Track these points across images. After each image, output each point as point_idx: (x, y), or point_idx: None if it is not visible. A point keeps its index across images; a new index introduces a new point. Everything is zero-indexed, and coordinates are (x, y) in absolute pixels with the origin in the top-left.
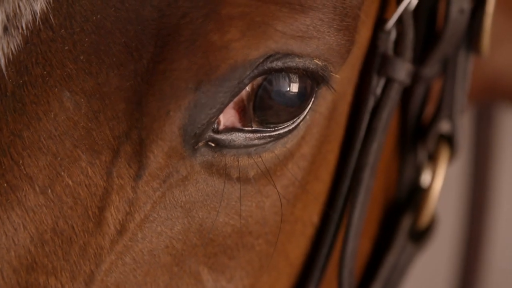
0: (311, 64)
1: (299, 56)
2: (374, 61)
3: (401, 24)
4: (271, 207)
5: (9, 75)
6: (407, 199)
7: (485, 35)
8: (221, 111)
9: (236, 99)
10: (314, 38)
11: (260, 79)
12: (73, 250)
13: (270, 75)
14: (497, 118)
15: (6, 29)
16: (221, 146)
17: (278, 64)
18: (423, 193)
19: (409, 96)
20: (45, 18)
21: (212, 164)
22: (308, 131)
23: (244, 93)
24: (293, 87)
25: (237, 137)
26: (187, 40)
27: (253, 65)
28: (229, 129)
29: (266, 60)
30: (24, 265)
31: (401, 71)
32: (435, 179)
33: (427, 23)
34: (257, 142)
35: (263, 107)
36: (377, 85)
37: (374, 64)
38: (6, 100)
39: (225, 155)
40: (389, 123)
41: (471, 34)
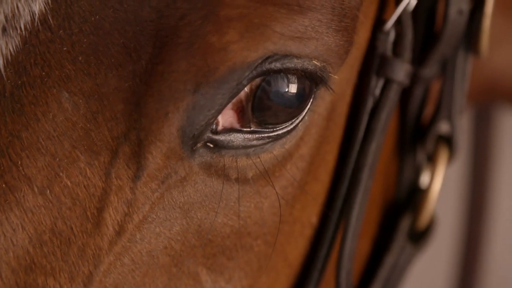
0: (309, 65)
1: (297, 57)
2: (373, 62)
3: (400, 24)
4: (269, 208)
5: (8, 76)
6: (406, 200)
7: (483, 36)
8: (219, 112)
9: (234, 100)
10: (312, 39)
11: (258, 80)
12: (71, 251)
13: (268, 76)
14: (496, 119)
15: (4, 30)
16: (219, 147)
17: (276, 65)
18: (422, 194)
19: (408, 97)
20: (43, 19)
21: (210, 165)
22: (306, 132)
23: (242, 94)
24: (292, 88)
25: (235, 138)
26: (186, 42)
27: (251, 66)
28: (227, 130)
29: (264, 61)
30: (22, 266)
31: (400, 72)
32: (434, 179)
33: (426, 24)
34: (255, 143)
35: (262, 108)
36: (376, 85)
37: (373, 64)
38: (4, 100)
39: (224, 156)
40: (388, 123)
41: (470, 35)
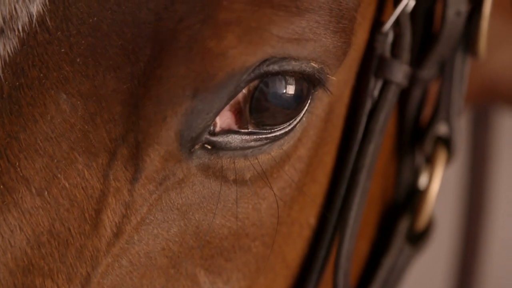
0: (307, 67)
1: (295, 59)
2: (371, 63)
3: (398, 26)
4: (267, 209)
5: (6, 77)
6: (404, 201)
7: (482, 38)
8: (217, 115)
9: (232, 102)
10: (310, 40)
11: (256, 81)
12: (69, 252)
13: (266, 78)
14: (494, 120)
15: (2, 31)
16: (217, 148)
17: (274, 67)
18: (421, 195)
19: (406, 98)
20: (41, 20)
21: (208, 166)
22: (304, 133)
23: (240, 95)
24: (290, 89)
25: (233, 139)
26: (185, 46)
27: (249, 69)
28: (225, 131)
29: (262, 63)
30: (20, 267)
31: (398, 73)
32: (432, 181)
33: (424, 25)
34: (253, 144)
35: (260, 109)
36: (375, 87)
37: (371, 66)
38: (2, 102)
39: (222, 157)
40: (386, 125)
41: (468, 36)
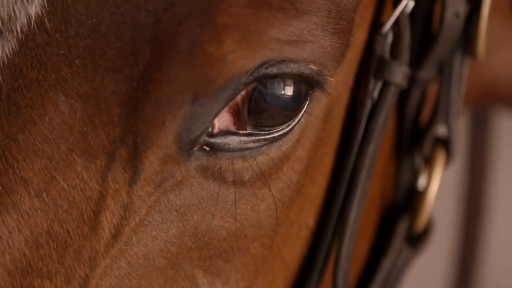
0: (306, 69)
1: (294, 61)
2: (371, 64)
3: (398, 27)
4: (266, 210)
5: (4, 79)
6: (404, 202)
7: (480, 39)
8: (216, 117)
9: (230, 103)
10: (309, 42)
11: (255, 83)
12: (68, 253)
13: (265, 80)
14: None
15: (0, 33)
16: (215, 149)
17: (273, 70)
18: (420, 196)
19: (405, 99)
20: (40, 22)
21: (207, 167)
22: (303, 134)
23: (238, 96)
24: (288, 91)
25: (231, 140)
26: (184, 50)
27: (248, 73)
28: (223, 133)
29: (260, 66)
30: (19, 268)
31: (398, 74)
32: (431, 182)
33: (422, 26)
34: (251, 145)
35: (258, 110)
36: (374, 88)
37: (371, 67)
38: (1, 103)
39: (220, 158)
40: (386, 126)
41: (466, 37)
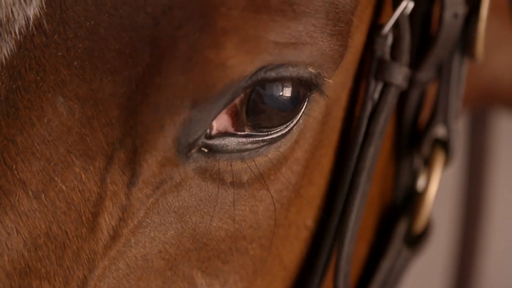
0: (305, 73)
1: (293, 65)
2: (370, 66)
3: (398, 28)
4: (264, 211)
5: (2, 80)
6: (403, 203)
7: (479, 40)
8: (214, 119)
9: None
10: (307, 44)
11: None
12: (66, 255)
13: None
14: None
15: None
16: (214, 151)
17: (271, 74)
18: (419, 197)
19: (404, 100)
20: (38, 23)
21: (205, 169)
22: (301, 135)
23: (237, 98)
24: (286, 92)
25: (230, 141)
26: (184, 55)
27: (247, 77)
28: (221, 134)
29: (259, 70)
30: (17, 270)
31: (398, 76)
32: (430, 183)
33: (421, 27)
34: (250, 146)
35: (256, 112)
36: (375, 89)
37: (371, 68)
38: None
39: (218, 160)
40: (386, 127)
41: (465, 39)
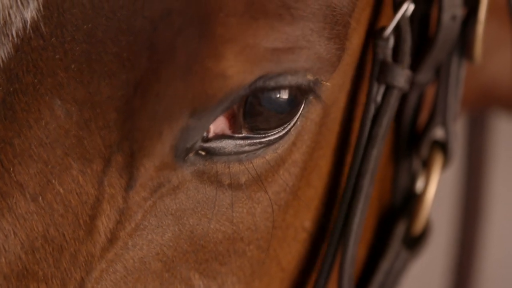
0: (303, 80)
1: (291, 73)
2: (373, 69)
3: (398, 30)
4: (262, 213)
5: (0, 83)
6: (401, 205)
7: (477, 42)
8: (211, 124)
9: None
10: (304, 48)
11: None
12: (63, 257)
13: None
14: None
15: None
16: (211, 154)
17: (270, 84)
18: (418, 199)
19: (403, 102)
20: (35, 26)
21: (203, 172)
22: (299, 137)
23: None
24: (283, 95)
25: (227, 144)
26: (184, 64)
27: (246, 87)
28: (219, 136)
29: (258, 79)
30: (14, 272)
31: (400, 78)
32: (429, 185)
33: (419, 29)
34: (247, 148)
35: (253, 114)
36: (377, 92)
37: (373, 71)
38: None
39: (216, 162)
40: (388, 129)
41: (464, 40)
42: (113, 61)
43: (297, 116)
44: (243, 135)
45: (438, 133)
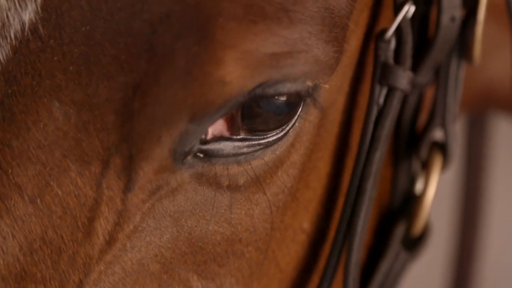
0: (303, 87)
1: (291, 81)
2: (375, 71)
3: (399, 32)
4: (260, 215)
5: None
6: (400, 206)
7: (476, 43)
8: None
9: None
10: (302, 52)
11: None
12: (62, 259)
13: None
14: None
15: None
16: (210, 156)
17: (270, 91)
18: (417, 200)
19: (402, 104)
20: (34, 28)
21: (202, 174)
22: (297, 139)
23: None
24: (282, 97)
25: (225, 146)
26: (183, 69)
27: (245, 94)
28: (217, 138)
29: (258, 87)
30: (13, 274)
31: (403, 80)
32: (428, 186)
33: (419, 30)
34: (246, 150)
35: (252, 116)
36: (380, 94)
37: (375, 73)
38: None
39: (215, 164)
40: (391, 131)
41: (463, 42)
42: (112, 63)
43: (295, 117)
44: (241, 136)
45: (437, 134)
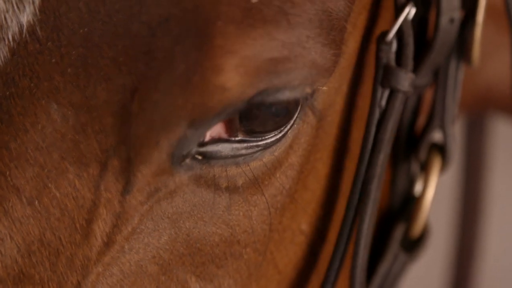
0: (302, 94)
1: (290, 89)
2: (377, 73)
3: (400, 34)
4: (258, 216)
5: None
6: (400, 208)
7: (475, 45)
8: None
9: None
10: (300, 56)
11: None
12: (60, 261)
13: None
14: (489, 127)
15: None
16: (208, 157)
17: (268, 99)
18: (416, 202)
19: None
20: (31, 30)
21: (200, 176)
22: (296, 140)
23: None
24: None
25: (223, 148)
26: (183, 74)
27: (245, 101)
28: (215, 140)
29: (257, 95)
30: (11, 276)
31: (405, 82)
32: (427, 188)
33: (417, 32)
34: (244, 152)
35: (250, 118)
36: (382, 96)
37: (377, 76)
38: None
39: (213, 166)
40: (394, 133)
41: (461, 43)
42: (110, 66)
43: (294, 119)
44: (240, 138)
45: (436, 136)
